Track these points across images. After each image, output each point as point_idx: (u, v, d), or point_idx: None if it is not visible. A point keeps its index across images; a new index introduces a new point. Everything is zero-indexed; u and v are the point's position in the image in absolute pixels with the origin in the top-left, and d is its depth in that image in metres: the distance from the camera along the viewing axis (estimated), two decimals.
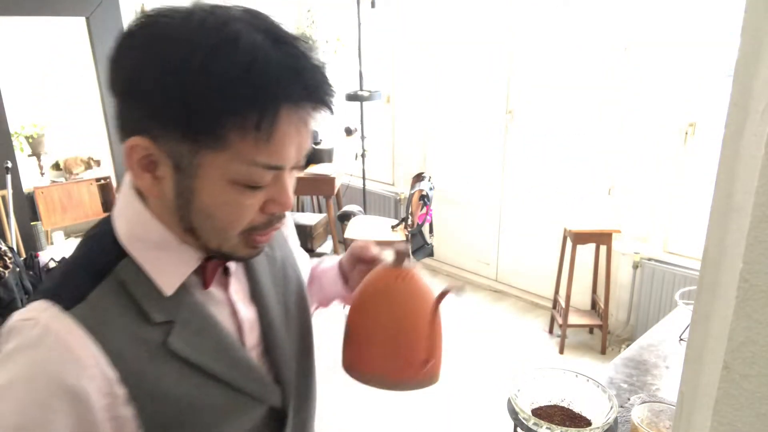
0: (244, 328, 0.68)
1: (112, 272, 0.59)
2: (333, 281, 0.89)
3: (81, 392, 0.54)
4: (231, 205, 0.57)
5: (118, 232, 0.61)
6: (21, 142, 4.73)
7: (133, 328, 0.58)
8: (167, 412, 0.59)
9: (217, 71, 0.51)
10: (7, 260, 2.88)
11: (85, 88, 4.44)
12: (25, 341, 0.54)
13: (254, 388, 0.67)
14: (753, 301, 0.38)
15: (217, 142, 0.53)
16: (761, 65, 0.37)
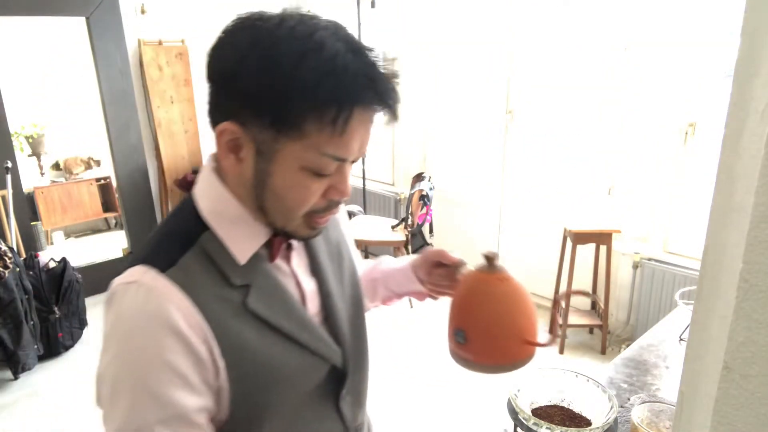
0: (306, 297, 0.78)
1: (197, 242, 0.68)
2: (407, 281, 0.98)
3: (187, 336, 0.63)
4: (299, 188, 0.66)
5: (201, 208, 0.71)
6: (21, 142, 4.73)
7: (217, 289, 0.67)
8: (248, 366, 0.68)
9: (304, 73, 0.59)
10: (7, 260, 2.88)
11: (85, 88, 4.44)
12: (133, 299, 0.64)
13: (320, 347, 0.76)
14: (753, 301, 0.38)
15: (296, 133, 0.62)
16: (761, 65, 0.37)
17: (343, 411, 0.82)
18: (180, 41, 4.10)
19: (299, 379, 0.75)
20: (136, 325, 0.63)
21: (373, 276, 1.04)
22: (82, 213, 5.02)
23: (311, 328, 0.76)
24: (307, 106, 0.60)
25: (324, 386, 0.79)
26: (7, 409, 2.78)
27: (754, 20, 0.39)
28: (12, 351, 2.90)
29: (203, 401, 0.66)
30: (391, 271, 1.01)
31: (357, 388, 0.86)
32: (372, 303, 1.07)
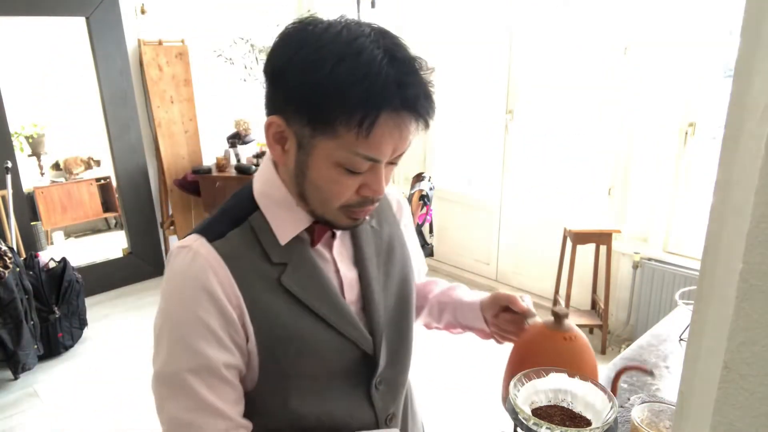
0: (345, 284, 0.82)
1: (247, 220, 0.77)
2: (473, 317, 1.02)
3: (218, 297, 0.72)
4: (333, 183, 0.71)
5: (254, 189, 0.79)
6: (21, 142, 4.73)
7: (257, 264, 0.75)
8: (276, 334, 0.75)
9: (339, 77, 0.64)
10: (7, 260, 2.88)
11: (85, 88, 4.43)
12: (182, 260, 0.73)
13: (349, 331, 0.80)
14: (753, 301, 0.38)
15: (330, 131, 0.67)
16: (761, 65, 0.37)
17: (374, 399, 0.86)
18: (180, 41, 4.10)
19: (327, 356, 0.79)
20: (179, 283, 0.73)
21: (442, 299, 1.07)
22: (82, 213, 5.02)
23: (342, 311, 0.80)
24: (338, 107, 0.65)
25: (355, 371, 0.83)
26: (7, 409, 2.78)
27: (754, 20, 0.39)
28: (12, 351, 2.90)
29: (232, 359, 0.73)
30: (460, 302, 1.04)
31: (392, 381, 0.89)
32: (435, 324, 1.11)
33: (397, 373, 0.91)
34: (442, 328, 1.11)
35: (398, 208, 0.98)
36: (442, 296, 1.08)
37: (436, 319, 1.10)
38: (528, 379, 0.99)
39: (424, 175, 3.72)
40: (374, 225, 0.90)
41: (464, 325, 1.06)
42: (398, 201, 0.99)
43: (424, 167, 4.23)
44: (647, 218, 3.06)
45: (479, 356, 3.11)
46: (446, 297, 1.07)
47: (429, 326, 1.14)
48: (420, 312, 1.12)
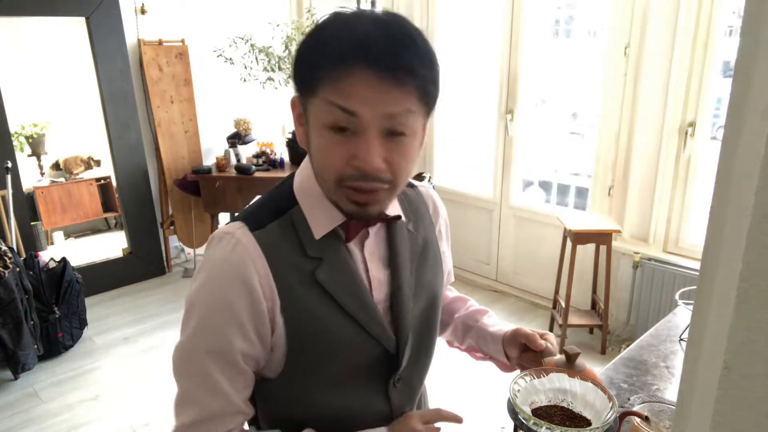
0: (373, 283, 0.83)
1: (288, 212, 0.79)
2: (495, 349, 1.02)
3: (253, 288, 0.74)
4: (325, 148, 0.71)
5: (295, 184, 0.81)
6: (21, 142, 4.72)
7: (293, 256, 0.77)
8: (305, 327, 0.77)
9: (321, 38, 0.69)
10: (7, 260, 2.88)
11: (85, 88, 4.43)
12: (225, 246, 0.76)
13: (375, 329, 0.82)
14: (753, 301, 0.38)
15: (311, 91, 0.70)
16: (761, 65, 0.37)
17: (391, 396, 0.87)
18: (180, 41, 4.10)
19: (351, 352, 0.81)
20: (218, 268, 0.76)
21: (468, 322, 1.08)
22: (82, 213, 5.01)
23: (370, 309, 0.81)
24: (315, 63, 0.69)
25: (377, 367, 0.84)
26: (7, 409, 2.78)
27: (754, 20, 0.39)
28: (12, 351, 2.90)
29: (252, 349, 0.76)
30: (484, 331, 1.04)
31: (410, 380, 0.90)
32: (458, 344, 1.12)
33: (417, 373, 0.92)
34: (464, 350, 1.12)
35: (434, 210, 0.98)
36: (468, 319, 1.08)
37: (459, 340, 1.10)
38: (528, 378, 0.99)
39: (424, 175, 3.72)
40: (411, 228, 0.90)
41: (485, 353, 1.06)
42: (434, 203, 0.99)
43: (424, 167, 4.23)
44: (647, 218, 3.06)
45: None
46: (472, 321, 1.07)
47: (451, 344, 1.15)
48: (444, 329, 1.12)
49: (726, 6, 2.65)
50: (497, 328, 1.04)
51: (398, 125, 0.70)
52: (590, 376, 0.85)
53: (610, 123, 3.10)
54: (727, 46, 2.69)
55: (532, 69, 3.50)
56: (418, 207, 0.94)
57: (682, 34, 2.74)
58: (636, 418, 0.97)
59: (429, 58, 0.70)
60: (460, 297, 1.14)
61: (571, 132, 3.54)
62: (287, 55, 4.01)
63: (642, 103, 2.94)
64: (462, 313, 1.10)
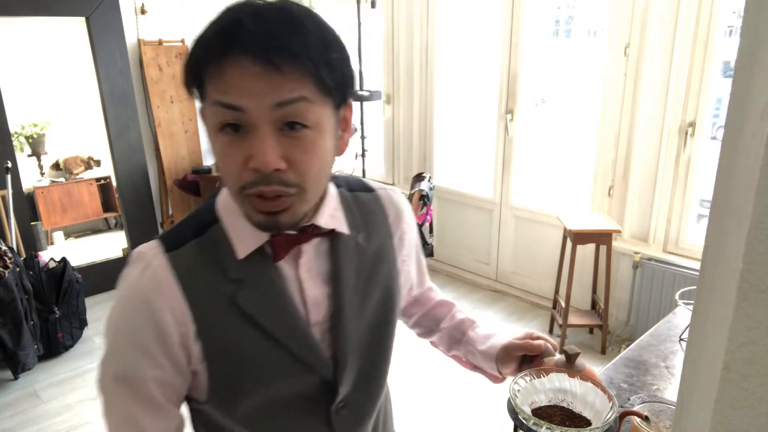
0: (310, 304, 0.76)
1: (208, 231, 0.73)
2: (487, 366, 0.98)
3: (160, 314, 0.68)
4: (222, 154, 0.65)
5: (218, 199, 0.75)
6: (21, 142, 4.72)
7: (212, 279, 0.71)
8: (227, 357, 0.71)
9: (200, 35, 0.64)
10: (7, 260, 2.88)
11: (85, 88, 4.44)
12: (134, 270, 0.71)
13: (307, 356, 0.75)
14: (753, 301, 0.38)
15: (202, 93, 0.65)
16: (761, 65, 0.37)
17: (334, 424, 0.79)
18: (180, 41, 4.10)
19: (281, 379, 0.74)
20: (127, 292, 0.71)
21: (455, 335, 1.03)
22: (82, 213, 5.01)
23: (300, 334, 0.74)
24: (199, 63, 0.63)
25: (313, 394, 0.77)
26: (7, 409, 2.78)
27: (754, 20, 0.39)
28: (12, 351, 2.90)
29: (162, 375, 0.70)
30: (474, 348, 1.00)
31: (358, 406, 0.82)
32: (442, 348, 1.07)
33: (366, 399, 0.84)
34: (449, 356, 1.07)
35: (395, 217, 0.87)
36: (455, 331, 1.03)
37: (444, 348, 1.06)
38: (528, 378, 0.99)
39: (424, 175, 3.72)
40: (360, 240, 0.81)
41: (474, 366, 1.02)
42: (396, 209, 0.88)
43: (424, 167, 4.23)
44: (647, 218, 3.06)
45: None
46: (458, 333, 1.03)
47: (435, 346, 1.10)
48: (429, 334, 1.08)
49: (726, 6, 2.64)
50: (488, 345, 0.99)
51: (293, 116, 0.63)
52: (590, 376, 0.84)
53: (610, 123, 3.10)
54: (727, 46, 2.69)
55: (532, 69, 3.50)
56: (373, 215, 0.84)
57: (682, 34, 2.73)
58: (636, 418, 0.97)
59: (321, 40, 0.63)
60: (443, 302, 1.07)
61: (571, 132, 3.54)
62: None
63: (642, 103, 2.94)
64: (447, 323, 1.05)
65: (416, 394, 2.80)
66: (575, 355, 0.84)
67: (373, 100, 3.83)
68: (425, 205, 3.54)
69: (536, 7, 3.36)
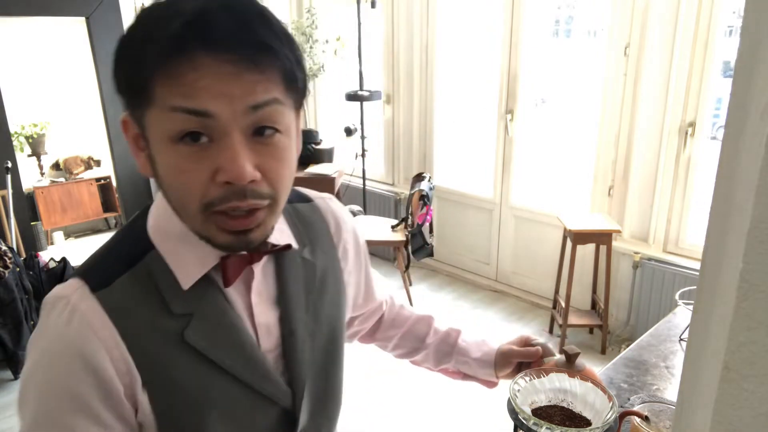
0: (260, 331, 0.69)
1: (142, 261, 0.62)
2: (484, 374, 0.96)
3: (101, 369, 0.58)
4: (178, 169, 0.56)
5: (149, 223, 0.65)
6: (21, 142, 4.73)
7: (153, 317, 0.61)
8: (178, 399, 0.62)
9: (138, 33, 0.55)
10: (7, 260, 2.88)
11: (85, 88, 4.44)
12: (58, 316, 0.59)
13: (266, 387, 0.68)
14: (753, 301, 0.38)
15: (147, 98, 0.55)
16: (761, 65, 0.37)
17: None
18: None
19: (240, 416, 0.67)
20: (52, 346, 0.59)
21: (442, 348, 1.00)
22: (83, 213, 5.01)
23: (258, 366, 0.67)
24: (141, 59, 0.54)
25: (273, 428, 0.71)
26: (7, 409, 2.78)
27: (754, 20, 0.39)
28: (12, 351, 2.90)
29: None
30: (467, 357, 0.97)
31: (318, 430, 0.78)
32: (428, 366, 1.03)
33: (324, 422, 0.79)
34: (436, 371, 1.04)
35: (336, 227, 0.81)
36: (443, 344, 1.01)
37: (431, 364, 1.02)
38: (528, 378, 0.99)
39: (424, 175, 3.72)
40: (306, 255, 0.75)
41: (466, 376, 1.01)
42: (336, 218, 0.82)
43: (424, 167, 4.23)
44: (647, 218, 3.06)
45: None
46: (447, 346, 1.00)
47: (417, 364, 1.05)
48: (412, 354, 1.03)
49: (726, 6, 2.64)
50: (483, 353, 0.97)
51: (266, 120, 0.57)
52: (590, 375, 0.84)
53: (610, 123, 3.10)
54: (727, 46, 2.69)
55: (532, 69, 3.50)
56: (315, 226, 0.78)
57: (682, 34, 2.74)
58: (636, 418, 0.97)
59: (287, 36, 0.57)
60: (420, 318, 1.03)
61: (571, 132, 3.54)
62: None
63: (642, 103, 2.94)
64: (432, 338, 1.01)
65: (416, 394, 2.80)
66: (575, 355, 0.85)
67: (373, 100, 3.83)
68: (425, 205, 3.54)
69: (536, 7, 3.36)
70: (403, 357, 1.05)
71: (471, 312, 3.62)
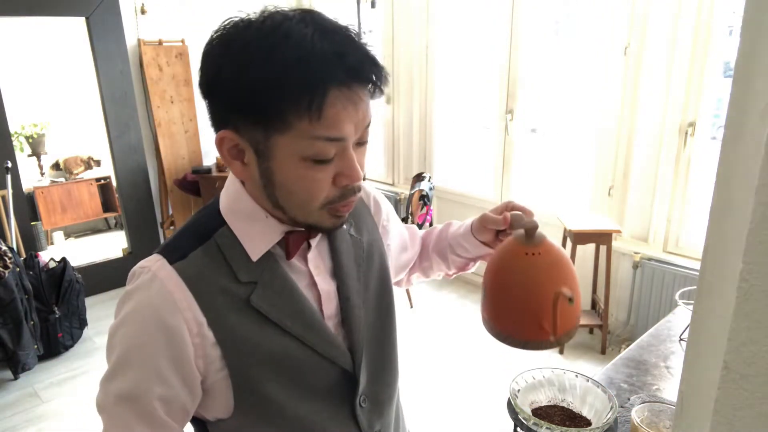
0: (323, 297, 0.78)
1: (212, 238, 0.72)
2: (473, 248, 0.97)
3: (176, 328, 0.67)
4: (305, 179, 0.66)
5: (221, 205, 0.75)
6: (21, 142, 4.72)
7: (223, 284, 0.70)
8: (249, 357, 0.71)
9: (274, 66, 0.61)
10: (7, 260, 2.88)
11: (85, 88, 4.43)
12: (139, 283, 0.70)
13: (327, 349, 0.76)
14: (753, 301, 0.38)
15: (281, 125, 0.63)
16: (761, 65, 0.37)
17: (359, 417, 0.81)
18: (180, 41, 4.10)
19: (305, 377, 0.75)
20: (134, 308, 0.69)
21: (439, 246, 1.03)
22: (82, 213, 5.01)
23: (318, 329, 0.75)
24: (282, 97, 0.61)
25: (336, 389, 0.79)
26: (7, 409, 2.78)
27: (754, 20, 0.39)
28: (12, 351, 2.90)
29: (170, 393, 0.69)
30: (456, 240, 0.99)
31: (377, 397, 0.84)
32: (447, 271, 1.06)
33: (382, 389, 0.86)
34: (457, 272, 1.06)
35: (375, 207, 0.93)
36: (439, 242, 1.04)
37: (446, 267, 1.04)
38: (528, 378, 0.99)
39: (424, 175, 3.72)
40: (353, 233, 0.85)
41: (470, 258, 1.01)
42: (374, 198, 0.93)
43: (424, 167, 4.23)
44: (647, 218, 3.06)
45: (479, 356, 3.11)
46: (442, 241, 1.03)
47: (447, 275, 1.09)
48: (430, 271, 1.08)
49: (726, 6, 2.64)
50: (464, 227, 0.98)
51: (366, 134, 0.69)
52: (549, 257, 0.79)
53: (610, 123, 3.10)
54: (727, 46, 2.69)
55: (532, 69, 3.50)
56: (359, 209, 0.89)
57: (682, 34, 2.73)
58: (636, 419, 0.97)
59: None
60: (425, 234, 1.08)
61: (571, 132, 3.54)
62: None
63: (642, 103, 2.94)
64: (432, 244, 1.05)
65: (417, 394, 2.80)
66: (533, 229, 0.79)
67: (373, 100, 3.82)
68: (425, 205, 3.54)
69: (536, 7, 3.36)
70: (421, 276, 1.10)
71: (471, 312, 3.62)
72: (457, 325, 3.46)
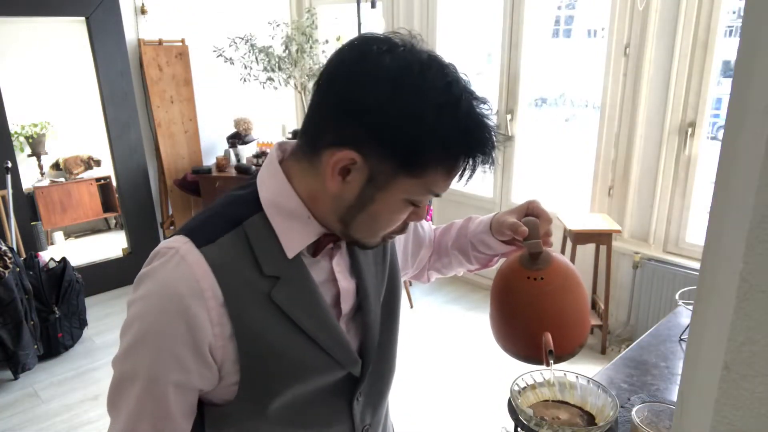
0: (342, 295, 0.79)
1: (240, 226, 0.71)
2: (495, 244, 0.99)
3: (197, 313, 0.66)
4: (394, 215, 0.71)
5: (261, 196, 0.73)
6: (21, 142, 4.72)
7: (247, 275, 0.70)
8: (261, 352, 0.71)
9: (443, 128, 0.64)
10: (7, 260, 2.88)
11: (85, 88, 4.43)
12: (167, 264, 0.68)
13: (338, 352, 0.77)
14: (753, 301, 0.38)
15: (419, 171, 0.66)
16: (761, 65, 0.37)
17: (354, 411, 0.83)
18: (180, 41, 4.10)
19: (312, 376, 0.76)
20: (156, 286, 0.68)
21: (462, 243, 1.03)
22: (83, 213, 5.01)
23: (332, 331, 0.76)
24: (440, 156, 0.66)
25: (338, 386, 0.80)
26: (7, 409, 2.78)
27: (754, 20, 0.39)
28: (12, 351, 2.90)
29: (185, 378, 0.69)
30: (478, 239, 1.01)
31: (373, 393, 0.86)
32: (470, 267, 1.07)
33: (380, 385, 0.88)
34: (480, 268, 1.07)
35: None
36: (459, 239, 1.04)
37: (468, 263, 1.05)
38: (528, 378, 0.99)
39: None
40: None
41: (493, 255, 1.03)
42: None
43: None
44: (647, 218, 3.06)
45: (479, 356, 3.10)
46: (463, 239, 1.03)
47: (469, 271, 1.10)
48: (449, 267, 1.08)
49: (726, 6, 2.64)
50: (483, 224, 1.00)
51: None
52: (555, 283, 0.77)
53: (610, 123, 3.10)
54: (727, 46, 2.69)
55: (532, 69, 3.50)
56: None
57: (682, 34, 2.73)
58: (636, 419, 0.97)
59: None
60: (443, 229, 1.08)
61: (571, 132, 3.54)
62: (287, 55, 4.01)
63: (642, 103, 2.94)
64: (452, 241, 1.04)
65: (417, 394, 2.80)
66: (537, 253, 0.78)
67: None
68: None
69: (536, 7, 3.36)
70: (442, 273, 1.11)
71: (470, 312, 3.62)
72: (457, 325, 3.46)
